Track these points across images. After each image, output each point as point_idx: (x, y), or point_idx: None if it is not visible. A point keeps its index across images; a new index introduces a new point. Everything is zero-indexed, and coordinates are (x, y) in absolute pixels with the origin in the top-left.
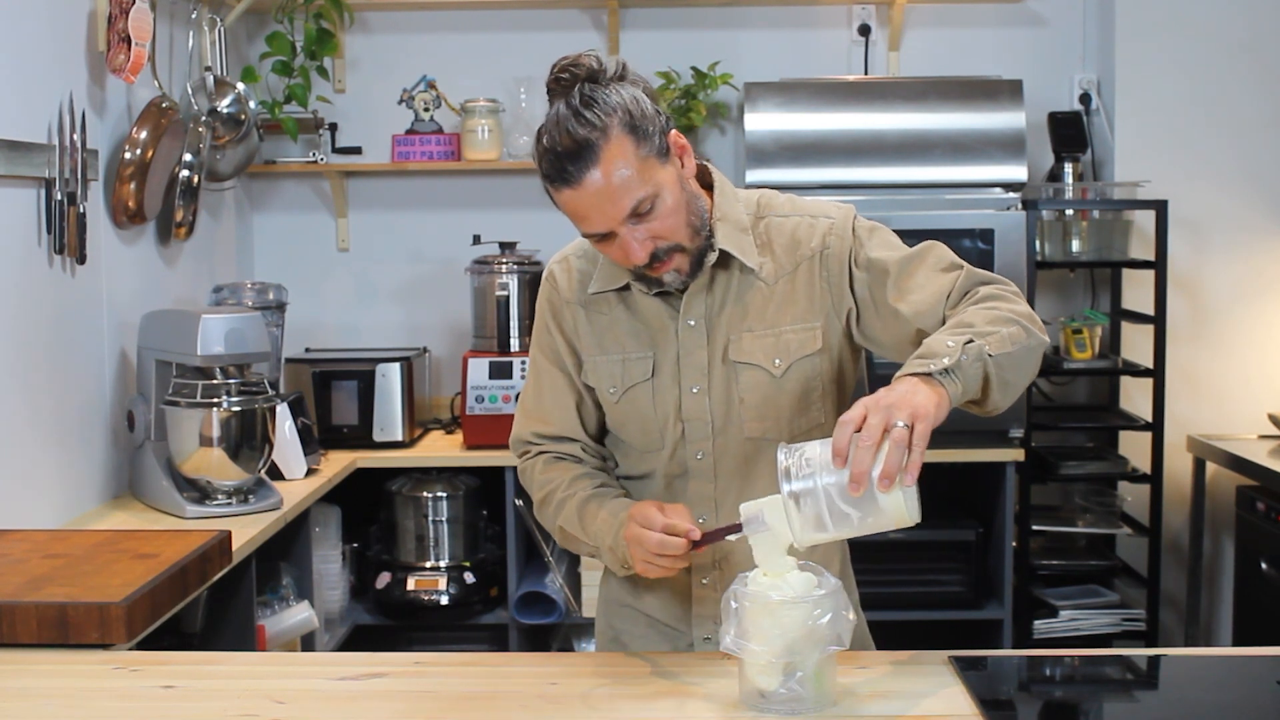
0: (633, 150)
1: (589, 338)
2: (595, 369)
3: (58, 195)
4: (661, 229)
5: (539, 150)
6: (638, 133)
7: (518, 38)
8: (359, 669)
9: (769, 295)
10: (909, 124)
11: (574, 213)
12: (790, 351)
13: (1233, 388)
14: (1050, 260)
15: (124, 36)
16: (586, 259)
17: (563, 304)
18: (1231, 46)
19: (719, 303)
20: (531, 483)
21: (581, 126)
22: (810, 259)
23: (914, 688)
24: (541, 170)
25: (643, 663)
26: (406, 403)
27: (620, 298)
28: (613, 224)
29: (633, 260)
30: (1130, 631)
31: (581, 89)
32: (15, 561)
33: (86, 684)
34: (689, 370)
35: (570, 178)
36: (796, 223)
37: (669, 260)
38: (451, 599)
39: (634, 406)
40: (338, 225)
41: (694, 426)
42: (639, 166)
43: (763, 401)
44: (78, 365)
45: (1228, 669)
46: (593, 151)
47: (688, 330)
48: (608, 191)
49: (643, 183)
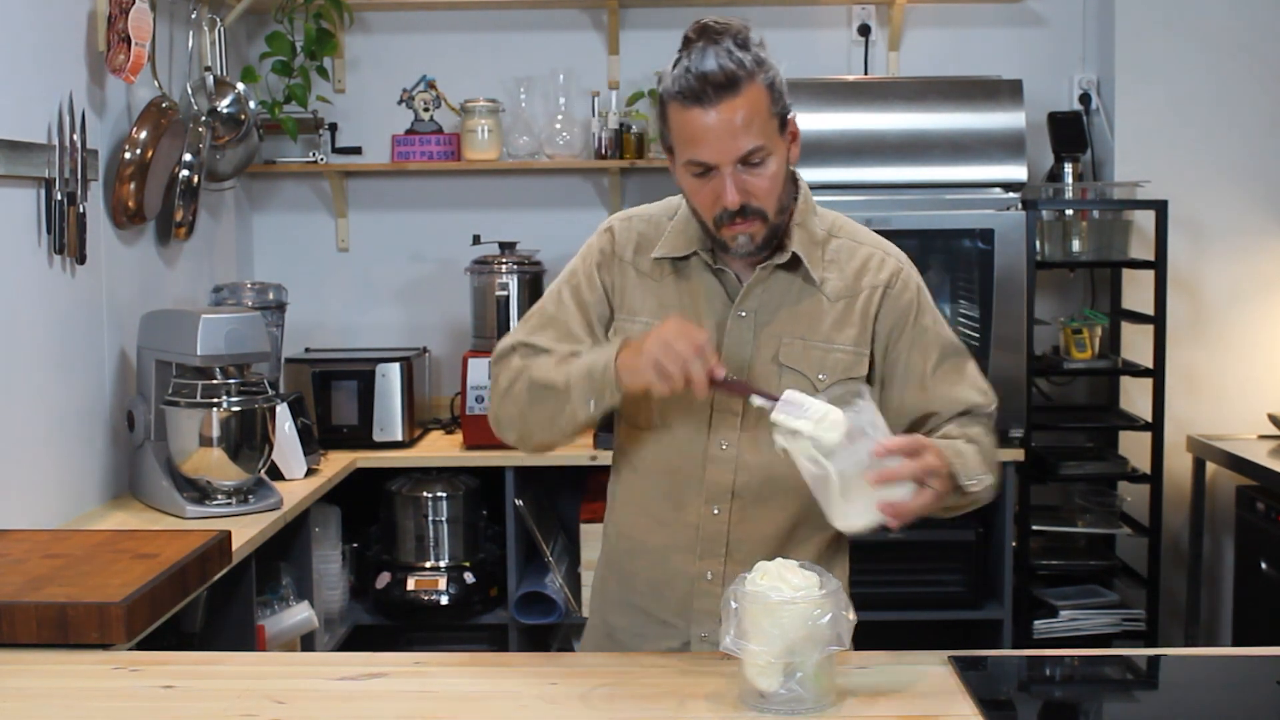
0: (767, 104)
1: (633, 298)
2: (630, 329)
3: (58, 195)
4: (758, 188)
5: (675, 71)
6: (774, 93)
7: (518, 38)
8: (359, 669)
9: (826, 310)
10: (909, 124)
11: (693, 135)
12: (837, 370)
13: (1232, 388)
14: (1050, 260)
15: (124, 36)
16: (650, 224)
17: (614, 258)
18: (1231, 46)
19: (776, 303)
20: (504, 369)
21: (733, 61)
22: (874, 290)
23: (914, 688)
24: (672, 88)
25: (643, 663)
26: (406, 403)
27: (676, 268)
28: (725, 158)
29: (724, 201)
30: (1130, 631)
31: (735, 38)
32: (15, 561)
33: (86, 684)
34: (729, 359)
35: (707, 99)
36: (869, 252)
37: (750, 222)
38: (451, 599)
39: None
40: (338, 225)
41: (722, 416)
42: (766, 120)
43: None
44: (78, 365)
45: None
46: (737, 84)
47: (737, 320)
48: (733, 126)
49: (764, 135)
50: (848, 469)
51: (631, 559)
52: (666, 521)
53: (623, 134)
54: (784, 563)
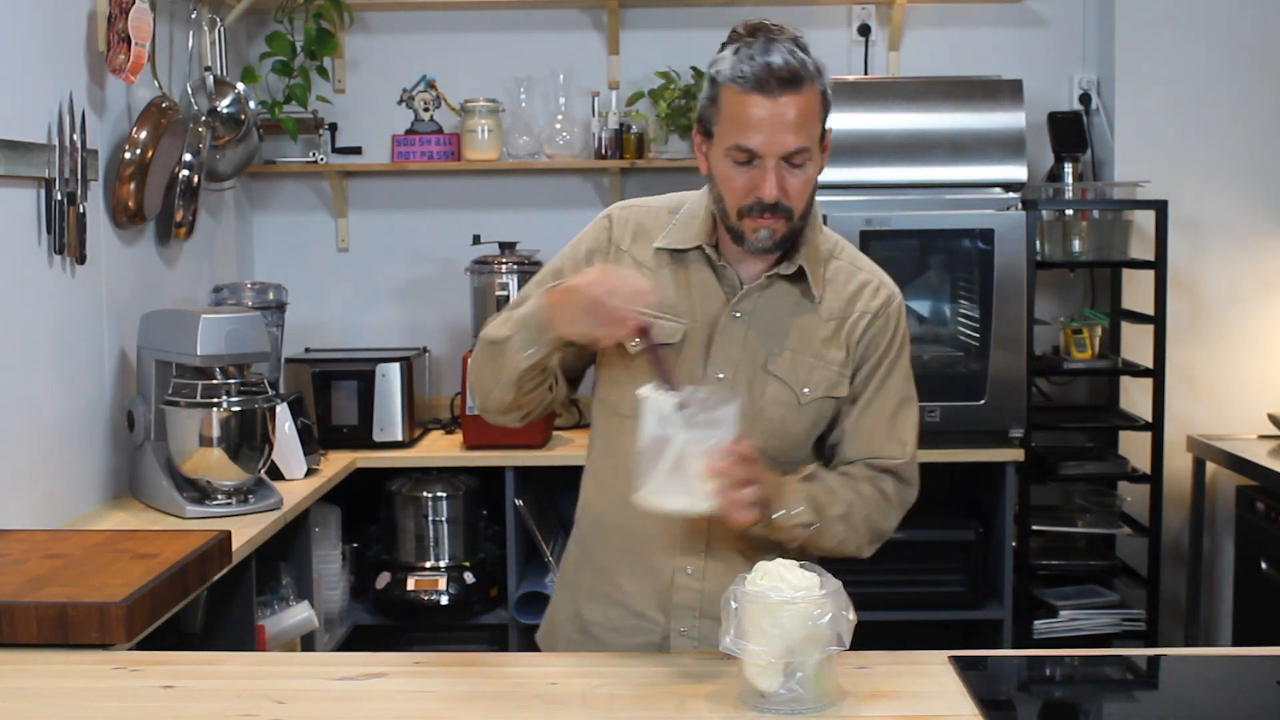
0: (819, 109)
1: None
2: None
3: (58, 195)
4: (793, 188)
5: (735, 57)
6: (825, 101)
7: (518, 38)
8: (359, 669)
9: (819, 327)
10: (909, 124)
11: (747, 121)
12: (821, 386)
13: (1232, 388)
14: (1050, 260)
15: (124, 36)
16: (650, 215)
17: (610, 245)
18: (1231, 46)
19: (772, 311)
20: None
21: (796, 60)
22: (862, 315)
23: (914, 688)
24: (733, 72)
25: (643, 663)
26: (406, 403)
27: (676, 260)
28: (773, 150)
29: (762, 192)
30: (1130, 631)
31: (796, 40)
32: (15, 561)
33: (86, 684)
34: (718, 356)
35: (770, 88)
36: (866, 278)
37: (776, 219)
38: (451, 599)
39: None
40: (338, 225)
41: None
42: (815, 124)
43: (779, 420)
44: (78, 365)
45: (1228, 669)
46: (799, 81)
47: (731, 320)
48: (790, 121)
49: (810, 138)
50: (691, 448)
51: (609, 551)
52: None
53: (623, 134)
54: (784, 563)
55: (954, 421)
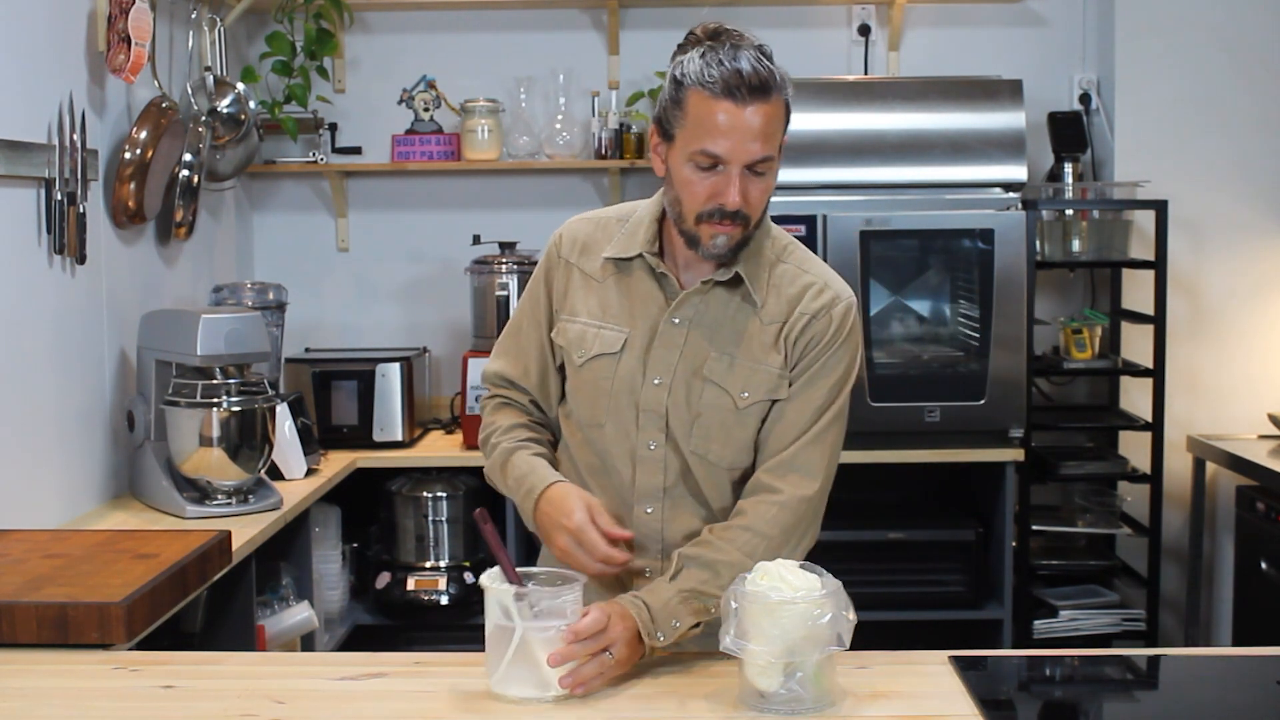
0: (783, 120)
1: (574, 299)
2: (568, 330)
3: (58, 195)
4: (754, 196)
5: (706, 60)
6: (788, 113)
7: (518, 38)
8: (359, 669)
9: (758, 332)
10: (909, 124)
11: (714, 127)
12: (760, 390)
13: (1232, 388)
14: (1050, 260)
15: (124, 36)
16: (599, 226)
17: (558, 261)
18: (1232, 47)
19: (711, 317)
20: (484, 410)
21: (765, 69)
22: (800, 316)
23: (914, 688)
24: (703, 77)
25: (643, 663)
26: (406, 403)
27: (619, 269)
28: (739, 158)
29: (725, 199)
30: (1130, 631)
31: (759, 49)
32: (15, 561)
33: (86, 684)
34: (656, 362)
35: (739, 97)
36: (810, 281)
37: (735, 225)
38: (451, 599)
39: (593, 376)
40: (337, 225)
41: (648, 417)
42: (780, 133)
43: (718, 424)
44: (78, 365)
45: (1228, 669)
46: (768, 91)
47: (669, 326)
48: (757, 129)
49: (774, 147)
50: (532, 636)
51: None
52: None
53: (622, 134)
54: (784, 563)
55: (954, 421)
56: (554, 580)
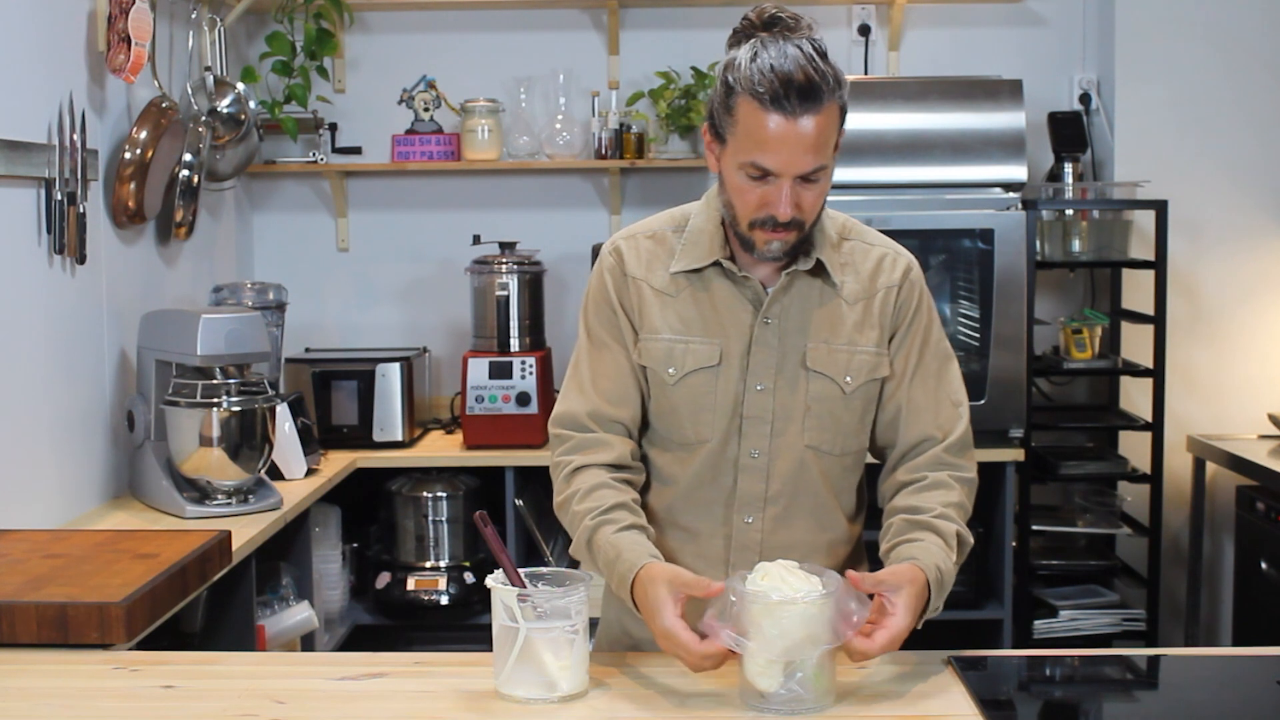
0: (837, 124)
1: (650, 315)
2: (653, 348)
3: (58, 195)
4: (808, 202)
5: (754, 64)
6: (842, 114)
7: (518, 38)
8: (359, 669)
9: (847, 313)
10: (909, 124)
11: (765, 139)
12: (862, 372)
13: (1232, 388)
14: (1050, 260)
15: (124, 36)
16: (655, 240)
17: (626, 279)
18: (1231, 46)
19: (799, 308)
20: (557, 467)
21: (817, 72)
22: (888, 290)
23: (914, 688)
24: (753, 85)
25: (643, 663)
26: (406, 403)
27: (693, 281)
28: (791, 170)
29: (778, 207)
30: (1130, 631)
31: (813, 42)
32: (15, 561)
33: (86, 684)
34: (757, 367)
35: (787, 109)
36: (882, 253)
37: (789, 231)
38: (451, 599)
39: (691, 392)
40: (337, 225)
41: (752, 424)
42: (833, 138)
43: (828, 414)
44: (78, 365)
45: (1228, 669)
46: (819, 99)
47: (763, 327)
48: (809, 141)
49: (828, 155)
50: (537, 638)
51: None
52: (697, 533)
53: (623, 134)
54: (784, 563)
55: None
56: (560, 580)
